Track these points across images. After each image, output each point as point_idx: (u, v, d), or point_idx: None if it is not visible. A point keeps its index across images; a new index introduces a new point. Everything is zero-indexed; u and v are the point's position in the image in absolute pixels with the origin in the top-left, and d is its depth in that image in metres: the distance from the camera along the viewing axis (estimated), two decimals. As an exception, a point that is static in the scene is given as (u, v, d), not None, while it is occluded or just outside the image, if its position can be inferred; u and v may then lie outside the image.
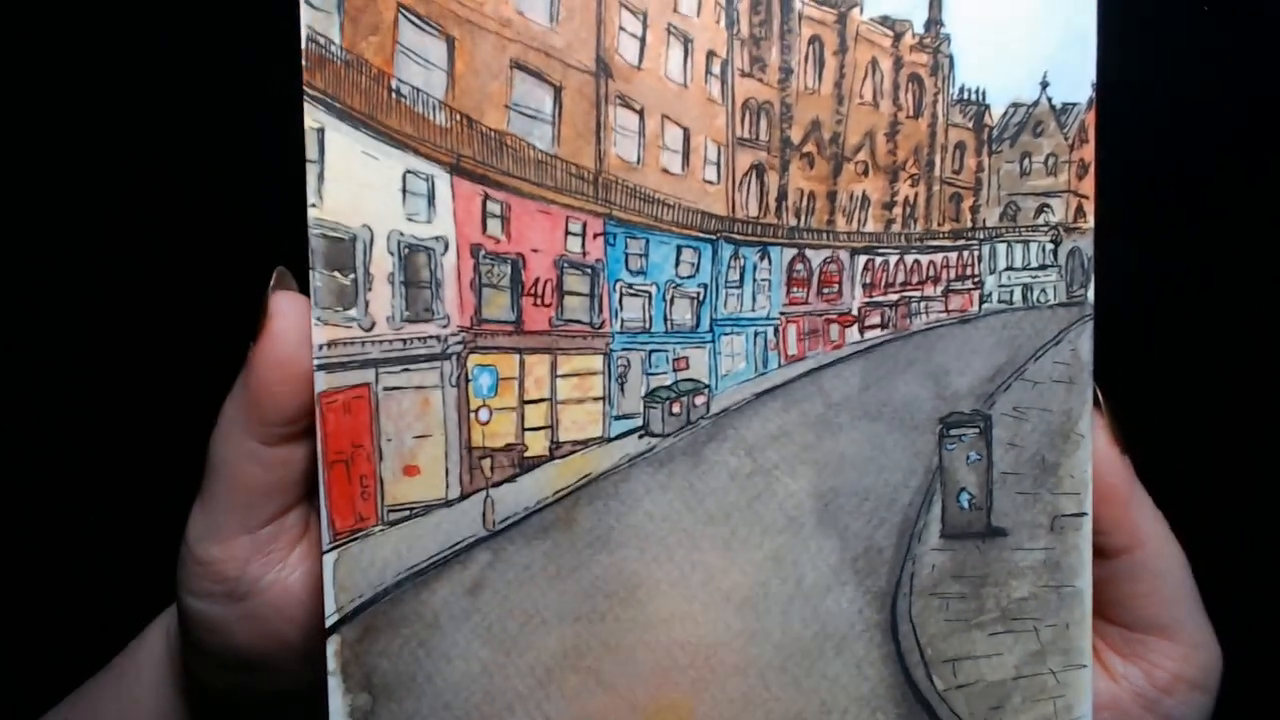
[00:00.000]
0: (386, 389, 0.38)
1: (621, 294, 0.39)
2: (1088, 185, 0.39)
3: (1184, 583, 0.40)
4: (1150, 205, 0.55)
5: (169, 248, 0.61)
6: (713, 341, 0.39)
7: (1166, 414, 0.58)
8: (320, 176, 0.37)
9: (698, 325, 0.39)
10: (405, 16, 0.37)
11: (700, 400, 0.39)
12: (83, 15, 0.59)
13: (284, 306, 0.37)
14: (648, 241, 0.38)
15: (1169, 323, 0.59)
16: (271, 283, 0.38)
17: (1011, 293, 0.40)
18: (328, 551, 0.38)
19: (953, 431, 0.39)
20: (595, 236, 0.38)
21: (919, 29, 0.38)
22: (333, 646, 0.37)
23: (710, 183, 0.39)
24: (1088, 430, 0.39)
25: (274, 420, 0.38)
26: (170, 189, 0.60)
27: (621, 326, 0.39)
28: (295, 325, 0.37)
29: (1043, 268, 0.39)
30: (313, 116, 0.37)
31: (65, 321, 0.62)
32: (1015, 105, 0.39)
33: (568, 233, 0.38)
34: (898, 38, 0.38)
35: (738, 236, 0.39)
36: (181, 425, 0.42)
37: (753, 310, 0.39)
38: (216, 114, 0.59)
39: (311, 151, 0.37)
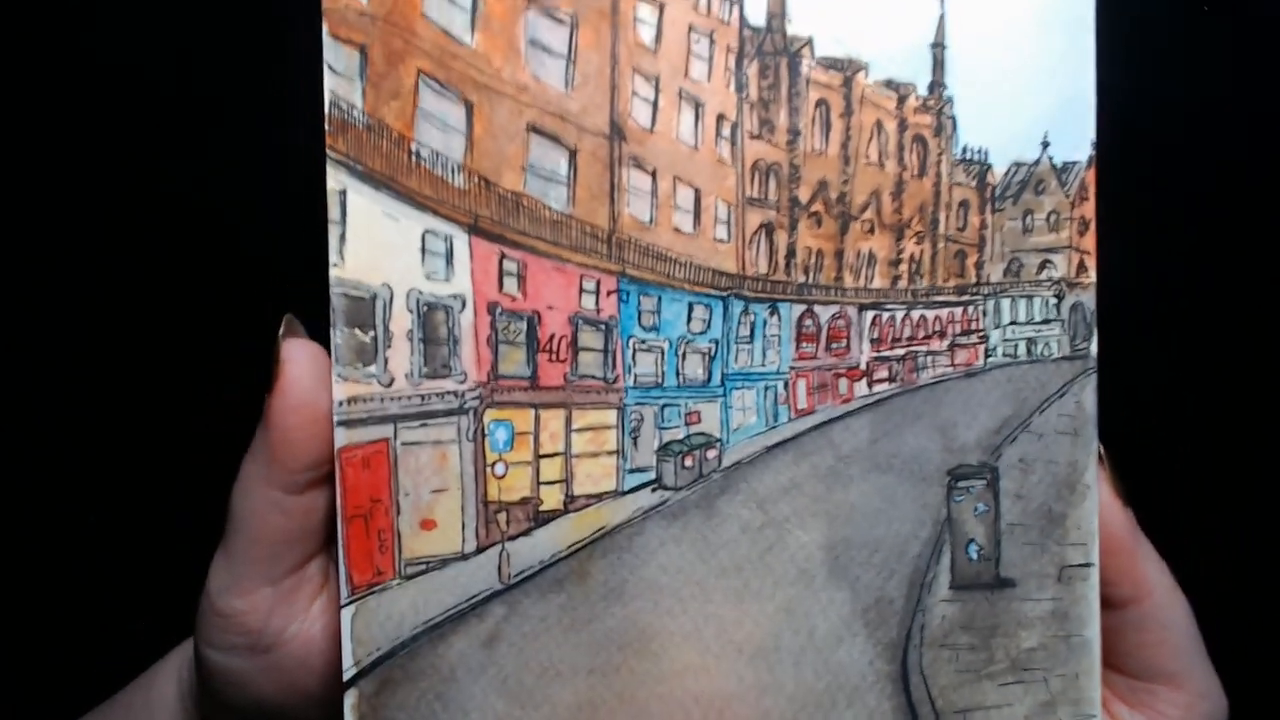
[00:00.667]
0: (405, 444, 0.39)
1: (635, 350, 0.39)
2: (1089, 241, 0.41)
3: (1189, 632, 0.40)
4: (1152, 249, 0.56)
5: (168, 250, 0.61)
6: (724, 396, 0.40)
7: (1169, 464, 0.58)
8: (342, 237, 0.38)
9: (709, 380, 0.40)
10: (425, 82, 0.38)
11: (712, 454, 0.40)
12: (110, 61, 0.60)
13: (296, 354, 0.38)
14: (660, 298, 0.39)
15: (1171, 373, 0.60)
16: (281, 331, 0.39)
17: (1016, 346, 0.40)
18: (346, 605, 0.38)
19: (960, 483, 0.40)
20: (609, 294, 0.39)
21: (922, 91, 0.39)
22: (350, 700, 0.38)
23: (721, 241, 0.40)
24: (1093, 481, 0.40)
25: (295, 468, 0.38)
26: (181, 205, 0.61)
27: (635, 381, 0.39)
28: (308, 371, 0.38)
29: (1046, 322, 0.40)
30: (335, 179, 0.38)
31: (66, 323, 0.62)
32: (1017, 164, 0.40)
33: (582, 290, 0.39)
34: (902, 100, 0.40)
35: (748, 293, 0.40)
36: (181, 425, 0.42)
37: (763, 365, 0.40)
38: (239, 163, 0.60)
39: (334, 212, 0.38)
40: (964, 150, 0.40)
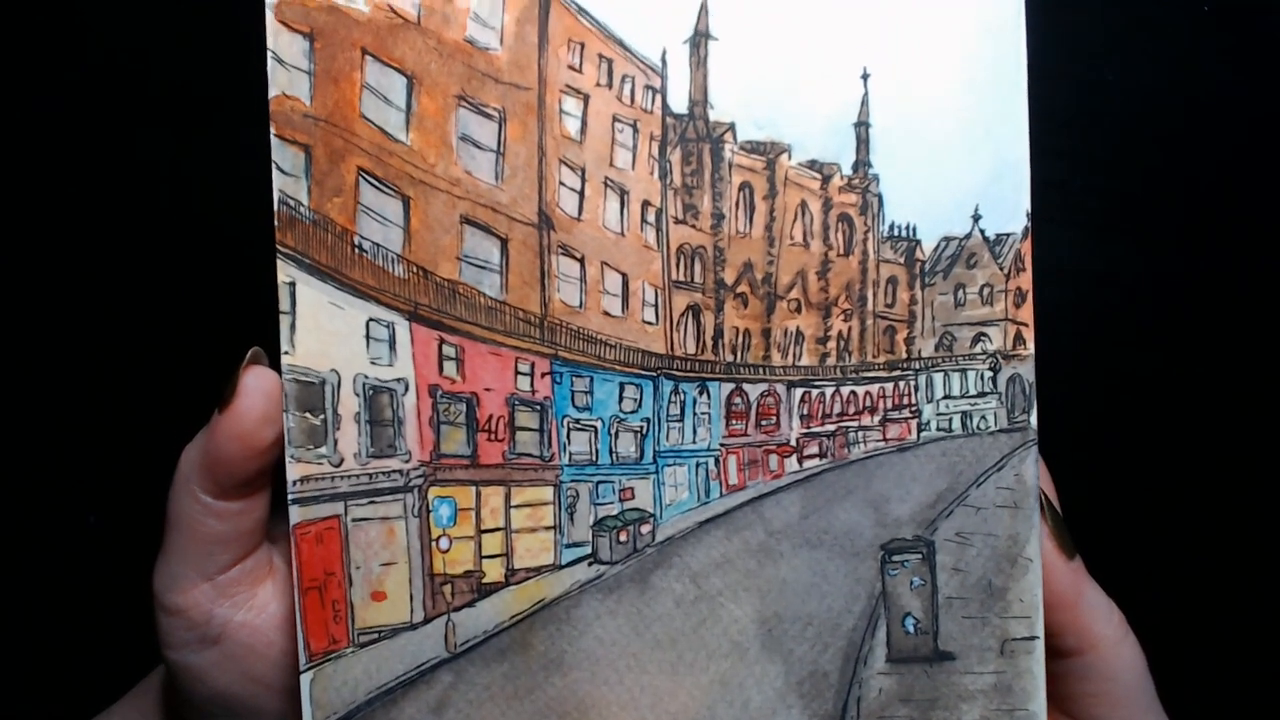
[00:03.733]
0: (355, 520, 0.41)
1: (569, 429, 0.41)
2: (1026, 313, 0.40)
3: (1137, 685, 0.40)
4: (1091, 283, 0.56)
5: (168, 250, 0.62)
6: (656, 472, 0.41)
7: (1123, 506, 0.57)
8: (292, 326, 0.40)
9: (642, 457, 0.41)
10: (365, 179, 0.40)
11: (646, 529, 0.41)
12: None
13: (252, 385, 0.39)
14: (592, 379, 0.41)
15: (1116, 417, 0.59)
16: (246, 359, 0.40)
17: (950, 420, 0.40)
18: (304, 671, 0.40)
19: (895, 557, 0.40)
20: (543, 376, 0.41)
21: (847, 171, 0.40)
22: (309, 761, 0.40)
23: (649, 323, 0.41)
24: (1036, 554, 0.40)
25: (228, 485, 0.40)
26: (178, 206, 0.61)
27: (570, 459, 0.41)
28: (259, 405, 0.39)
29: (981, 395, 0.40)
30: (285, 271, 0.40)
31: (66, 323, 0.63)
32: (947, 239, 0.40)
33: (517, 372, 0.41)
34: (826, 180, 0.40)
35: (677, 373, 0.41)
36: (181, 426, 0.43)
37: (694, 442, 0.41)
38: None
39: (284, 303, 0.40)
40: (891, 227, 0.40)
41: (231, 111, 0.44)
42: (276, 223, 0.40)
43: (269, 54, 0.41)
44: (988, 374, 0.40)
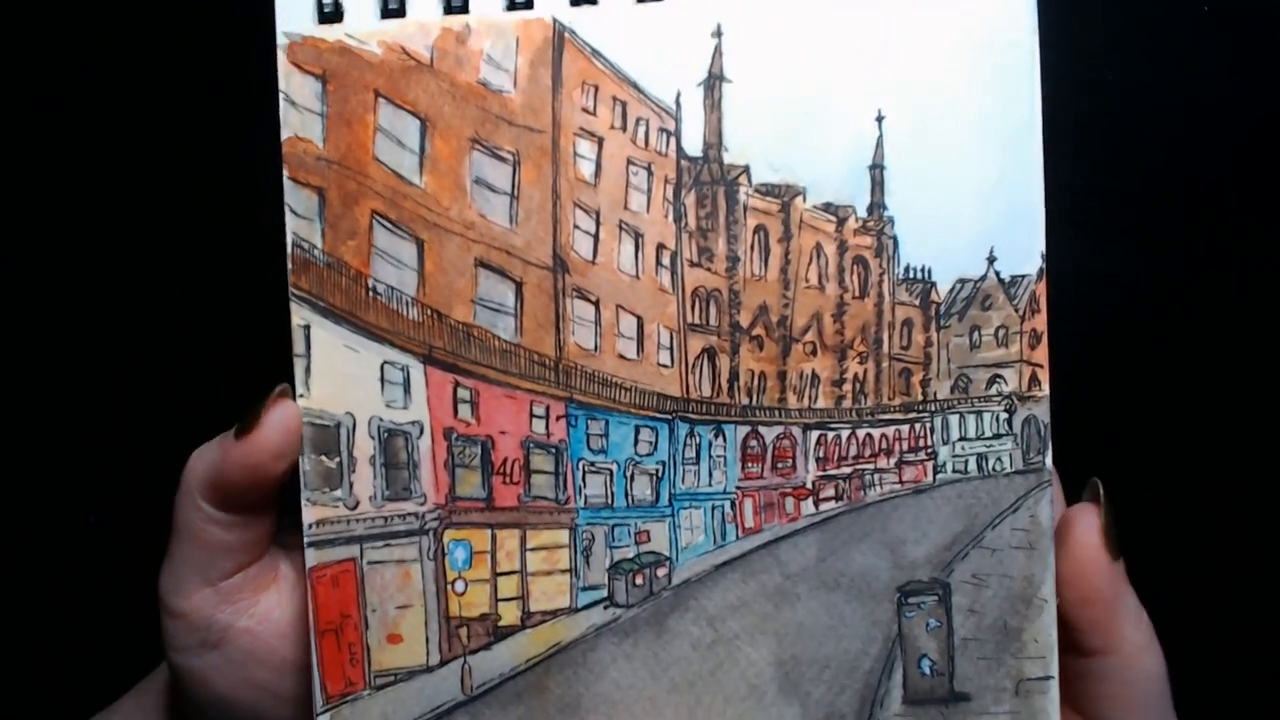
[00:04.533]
0: (371, 563, 0.41)
1: (584, 472, 0.41)
2: (1041, 354, 0.40)
3: (1155, 692, 0.40)
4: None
5: (169, 251, 0.62)
6: (672, 516, 0.41)
7: (1123, 505, 0.57)
8: (307, 369, 0.40)
9: (657, 500, 0.41)
10: (379, 221, 0.40)
11: (662, 572, 0.41)
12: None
13: (275, 419, 0.39)
14: (607, 422, 0.41)
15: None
16: (274, 393, 0.40)
17: (966, 462, 0.40)
18: (321, 714, 0.40)
19: (911, 599, 0.40)
20: (558, 419, 0.41)
21: (862, 213, 0.40)
22: (324, 805, 0.40)
23: (664, 366, 0.41)
24: (1050, 595, 0.40)
25: (233, 504, 0.40)
26: (181, 209, 0.61)
27: (585, 502, 0.41)
28: (276, 440, 0.39)
29: (997, 437, 0.40)
30: (299, 314, 0.40)
31: (67, 323, 0.62)
32: (962, 281, 0.40)
33: (532, 415, 0.41)
34: (841, 222, 0.40)
35: (693, 416, 0.41)
36: (181, 426, 0.43)
37: (710, 485, 0.41)
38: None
39: (299, 346, 0.40)
40: (906, 269, 0.40)
41: (232, 114, 0.44)
42: (291, 265, 0.40)
43: (281, 95, 0.41)
44: (1003, 416, 0.40)
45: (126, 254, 0.62)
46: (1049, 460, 0.40)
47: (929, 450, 0.40)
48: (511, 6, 0.40)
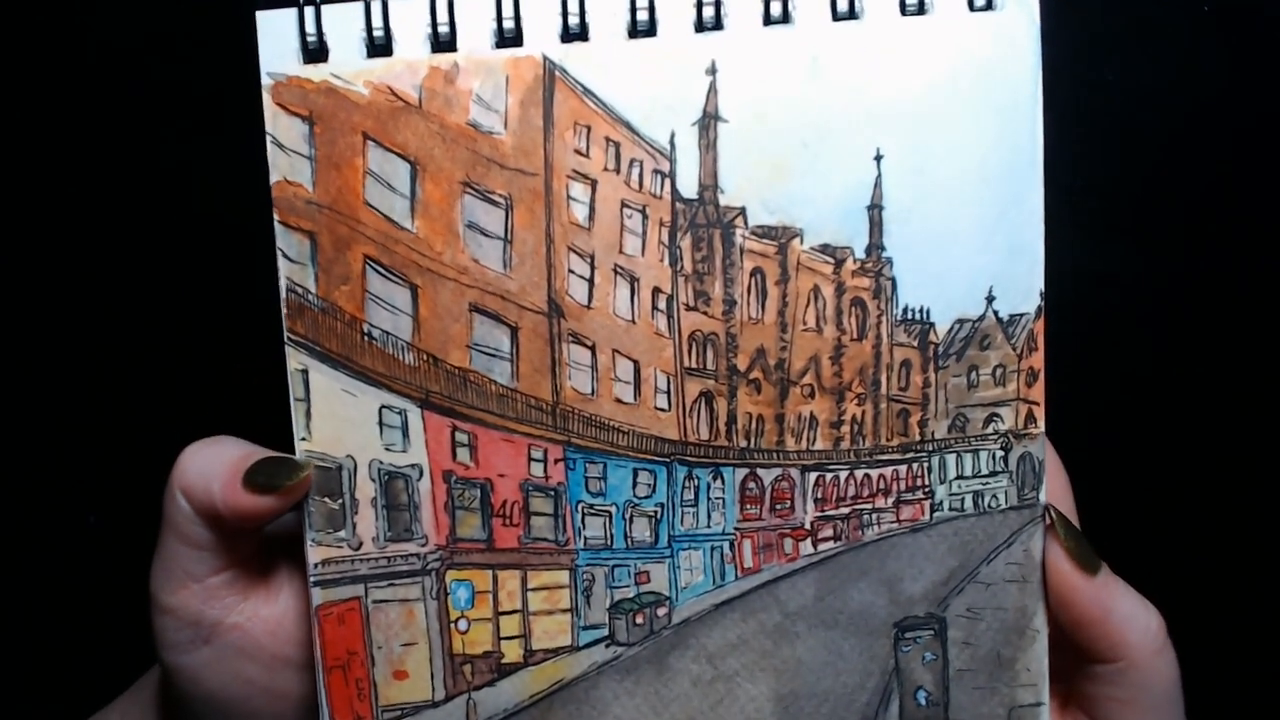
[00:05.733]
0: (375, 602, 0.41)
1: (583, 514, 0.41)
2: (1038, 392, 0.40)
3: (1168, 697, 0.40)
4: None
5: (166, 248, 0.62)
6: (671, 556, 0.41)
7: (1122, 505, 0.57)
8: (307, 413, 0.40)
9: (657, 541, 0.41)
10: (372, 267, 0.40)
11: (662, 611, 0.41)
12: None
13: (292, 494, 0.40)
14: (606, 465, 0.41)
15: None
16: (301, 474, 0.40)
17: (962, 500, 0.41)
18: (330, 747, 0.41)
19: (908, 634, 0.41)
20: (556, 462, 0.41)
21: (860, 254, 0.39)
22: (335, 838, 0.41)
23: (662, 410, 0.41)
24: (1043, 625, 0.40)
25: (218, 530, 0.40)
26: (183, 208, 0.61)
27: (585, 544, 0.41)
28: (284, 506, 0.40)
29: (993, 474, 0.40)
30: (296, 359, 0.40)
31: (66, 323, 0.63)
32: (960, 321, 0.40)
33: (530, 459, 0.41)
34: (839, 264, 0.39)
35: (691, 459, 0.41)
36: (181, 426, 0.43)
37: (708, 526, 0.41)
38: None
39: (298, 391, 0.40)
40: (905, 310, 0.40)
41: (234, 108, 0.43)
42: (285, 310, 0.40)
43: (268, 138, 0.40)
44: (999, 454, 0.40)
45: (126, 254, 0.62)
46: (1043, 495, 0.40)
47: (926, 489, 0.41)
48: (501, 43, 0.39)
